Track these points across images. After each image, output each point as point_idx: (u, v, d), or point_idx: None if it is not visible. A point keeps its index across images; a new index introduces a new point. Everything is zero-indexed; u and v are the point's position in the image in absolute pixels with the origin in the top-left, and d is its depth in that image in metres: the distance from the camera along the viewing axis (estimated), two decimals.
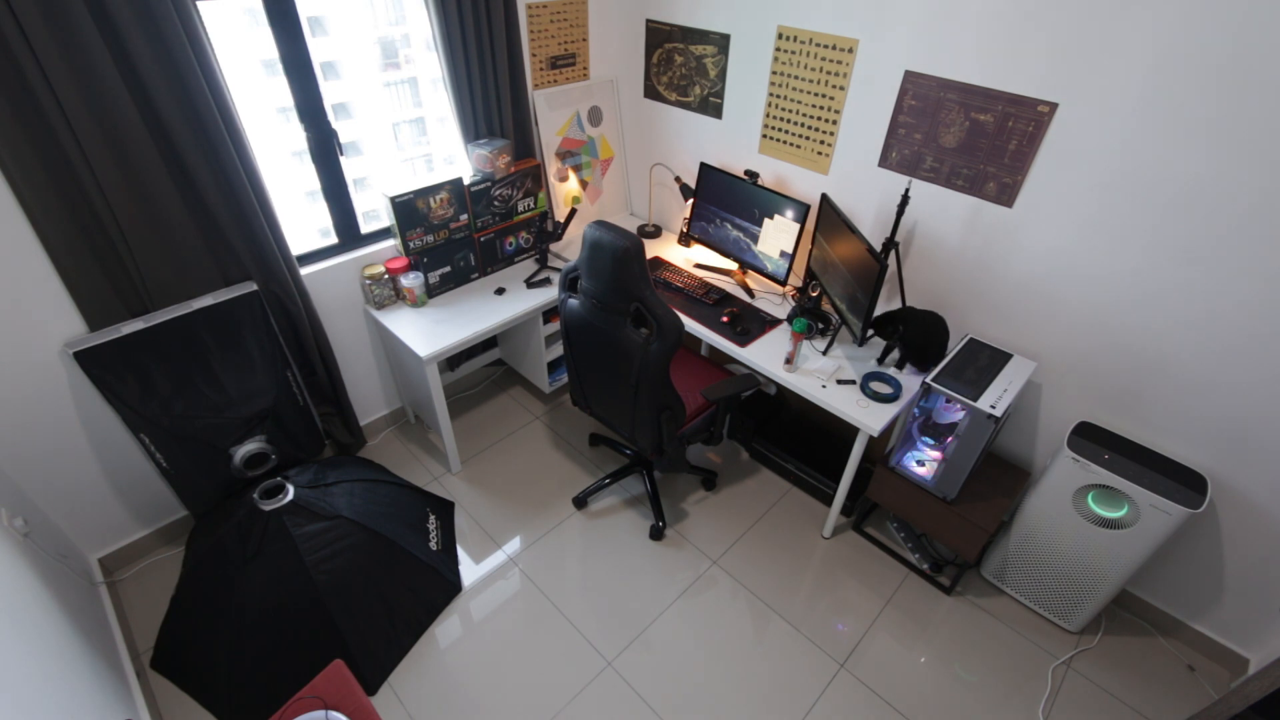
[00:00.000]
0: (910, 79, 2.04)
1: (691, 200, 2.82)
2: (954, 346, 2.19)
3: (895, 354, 2.25)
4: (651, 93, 2.92)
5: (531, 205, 2.79)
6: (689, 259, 2.90)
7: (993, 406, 1.89)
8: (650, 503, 2.55)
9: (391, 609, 2.09)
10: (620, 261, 1.81)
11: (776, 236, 2.51)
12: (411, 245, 2.46)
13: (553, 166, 2.87)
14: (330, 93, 10.92)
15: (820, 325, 2.43)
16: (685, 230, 2.92)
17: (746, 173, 2.57)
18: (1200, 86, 1.55)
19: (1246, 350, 1.72)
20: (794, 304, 2.58)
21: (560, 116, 2.82)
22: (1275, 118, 1.49)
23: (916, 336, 2.16)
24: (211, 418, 2.07)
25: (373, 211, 2.60)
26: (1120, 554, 1.94)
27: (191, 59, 1.73)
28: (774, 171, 2.61)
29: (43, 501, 2.05)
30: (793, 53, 2.31)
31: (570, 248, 2.98)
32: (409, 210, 2.39)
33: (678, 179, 2.89)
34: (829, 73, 2.24)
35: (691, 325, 2.48)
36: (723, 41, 2.51)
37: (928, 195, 2.16)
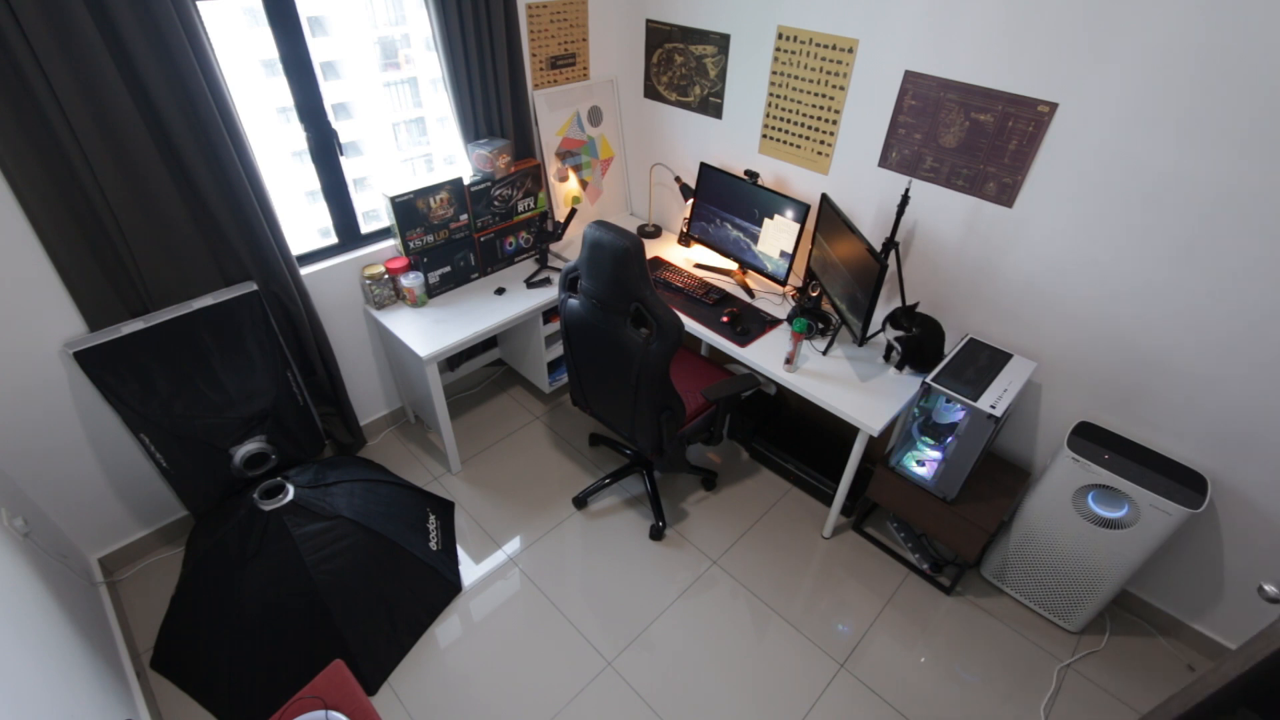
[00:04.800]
0: (910, 79, 2.04)
1: (691, 200, 2.82)
2: (954, 346, 2.19)
3: (896, 354, 2.25)
4: (651, 93, 2.92)
5: (531, 205, 2.79)
6: (689, 259, 2.90)
7: (993, 406, 1.89)
8: (650, 503, 2.55)
9: (391, 609, 2.09)
10: (620, 261, 1.81)
11: (776, 236, 2.51)
12: (411, 245, 2.46)
13: (553, 166, 2.87)
14: (330, 93, 10.94)
15: (820, 325, 2.43)
16: (685, 230, 2.92)
17: (746, 173, 2.57)
18: (1201, 86, 1.55)
19: (1247, 351, 1.72)
20: (794, 304, 2.58)
21: (560, 116, 2.82)
22: (1276, 117, 1.49)
23: (914, 340, 2.16)
24: (211, 418, 2.07)
25: (373, 211, 2.60)
26: (1120, 554, 1.94)
27: (191, 59, 1.73)
28: (774, 171, 2.61)
29: (43, 501, 2.05)
30: (793, 53, 2.31)
31: (570, 248, 2.98)
32: (409, 210, 2.39)
33: (678, 179, 2.89)
34: (829, 73, 2.24)
35: (691, 325, 2.48)
36: (723, 41, 2.51)
37: (928, 195, 2.16)
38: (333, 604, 1.96)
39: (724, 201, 2.66)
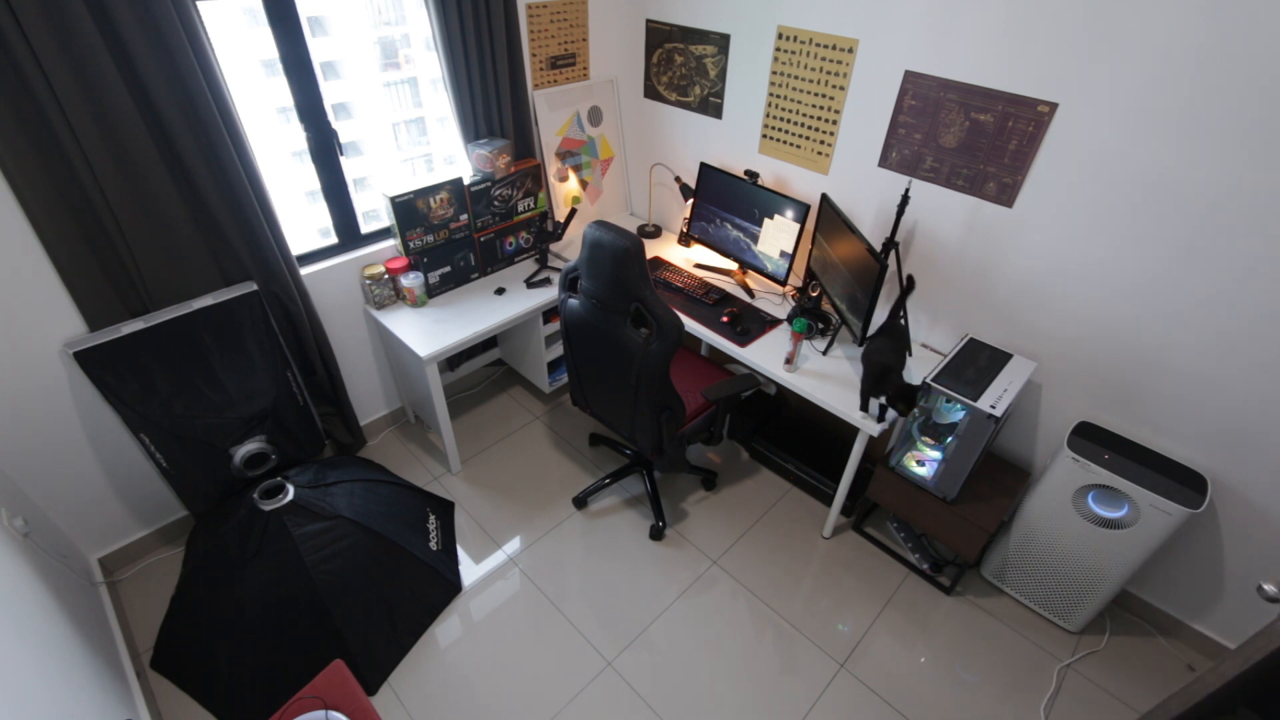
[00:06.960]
0: (910, 79, 2.04)
1: (691, 200, 2.82)
2: (954, 346, 2.19)
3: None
4: (651, 93, 2.92)
5: (531, 205, 2.79)
6: (689, 259, 2.90)
7: (993, 406, 1.89)
8: (650, 503, 2.55)
9: (391, 609, 2.09)
10: (620, 261, 1.81)
11: (776, 236, 2.51)
12: (411, 245, 2.46)
13: (553, 166, 2.87)
14: (330, 93, 10.94)
15: (820, 325, 2.43)
16: (685, 230, 2.92)
17: (746, 173, 2.57)
18: (1201, 86, 1.55)
19: (1247, 351, 1.72)
20: (794, 304, 2.58)
21: (560, 116, 2.82)
22: (1275, 117, 1.49)
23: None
24: (211, 418, 2.07)
25: (373, 211, 2.60)
26: (1120, 554, 1.94)
27: (191, 59, 1.73)
28: (774, 171, 2.61)
29: (43, 501, 2.05)
30: (793, 53, 2.31)
31: (570, 248, 2.98)
32: (409, 210, 2.39)
33: (678, 179, 2.89)
34: (829, 73, 2.24)
35: (691, 325, 2.48)
36: (723, 41, 2.51)
37: (928, 195, 2.16)
38: (333, 604, 1.96)
39: (724, 201, 2.66)
